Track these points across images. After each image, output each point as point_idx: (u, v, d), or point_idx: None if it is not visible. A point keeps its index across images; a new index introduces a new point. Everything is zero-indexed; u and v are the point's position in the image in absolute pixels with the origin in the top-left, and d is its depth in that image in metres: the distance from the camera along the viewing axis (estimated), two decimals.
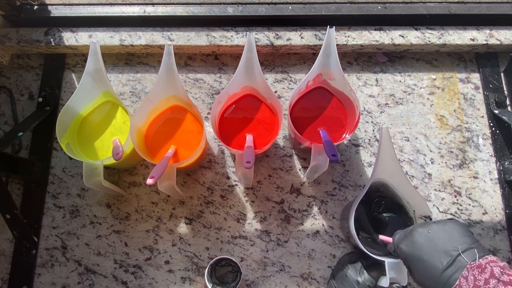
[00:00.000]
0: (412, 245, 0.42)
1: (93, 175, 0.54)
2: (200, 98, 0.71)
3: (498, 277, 0.35)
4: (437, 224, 0.42)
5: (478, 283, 0.36)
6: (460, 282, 0.37)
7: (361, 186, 0.65)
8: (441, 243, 0.40)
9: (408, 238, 0.43)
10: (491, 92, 0.70)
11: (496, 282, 0.35)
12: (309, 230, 0.63)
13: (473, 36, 0.70)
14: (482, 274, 0.36)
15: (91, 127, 0.61)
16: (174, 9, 0.71)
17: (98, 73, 0.57)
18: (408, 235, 0.43)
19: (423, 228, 0.42)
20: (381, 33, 0.70)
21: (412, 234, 0.43)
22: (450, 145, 0.68)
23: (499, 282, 0.35)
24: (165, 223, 0.64)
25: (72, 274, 0.62)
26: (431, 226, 0.42)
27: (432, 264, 0.39)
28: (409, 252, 0.42)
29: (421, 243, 0.41)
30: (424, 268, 0.40)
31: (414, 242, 0.42)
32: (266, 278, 0.61)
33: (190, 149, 0.58)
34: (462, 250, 0.38)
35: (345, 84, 0.57)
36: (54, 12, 0.71)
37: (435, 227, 0.41)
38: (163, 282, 0.61)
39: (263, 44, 0.69)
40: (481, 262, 0.37)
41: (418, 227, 0.43)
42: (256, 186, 0.65)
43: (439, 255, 0.39)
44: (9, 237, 0.63)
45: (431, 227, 0.42)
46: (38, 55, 0.73)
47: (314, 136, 0.60)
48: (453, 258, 0.38)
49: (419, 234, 0.42)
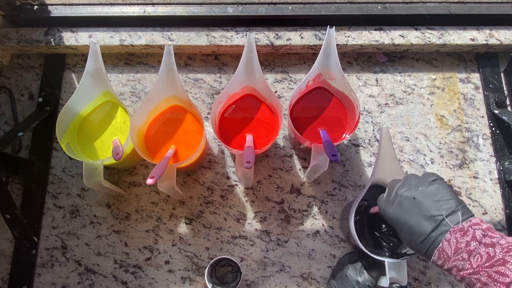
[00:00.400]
0: (398, 210, 0.43)
1: (93, 175, 0.54)
2: (200, 98, 0.71)
3: (480, 239, 0.36)
4: (422, 188, 0.42)
5: (460, 245, 0.37)
6: (442, 245, 0.38)
7: (361, 186, 0.65)
8: (426, 209, 0.40)
9: (394, 203, 0.44)
10: (491, 92, 0.70)
11: (477, 244, 0.36)
12: (309, 230, 0.63)
13: (473, 36, 0.70)
14: (464, 237, 0.37)
15: (91, 127, 0.61)
16: (174, 9, 0.71)
17: (98, 73, 0.57)
18: (393, 198, 0.44)
19: (407, 191, 0.43)
20: (381, 33, 0.70)
21: (397, 199, 0.44)
22: (450, 145, 0.68)
23: (480, 244, 0.36)
24: (165, 223, 0.64)
25: (72, 274, 0.62)
26: (416, 192, 0.42)
27: (418, 229, 0.40)
28: (395, 217, 0.44)
29: (407, 209, 0.42)
30: (410, 232, 0.42)
31: (399, 208, 0.43)
32: (266, 278, 0.61)
33: (190, 149, 0.58)
34: (446, 214, 0.39)
35: (345, 84, 0.57)
36: (54, 12, 0.71)
37: (420, 192, 0.42)
38: (163, 282, 0.61)
39: (263, 44, 0.69)
40: (464, 225, 0.38)
41: (404, 192, 0.43)
42: (256, 186, 0.65)
43: (424, 220, 0.40)
44: (9, 237, 0.63)
45: (415, 193, 0.42)
46: (38, 55, 0.73)
47: (314, 136, 0.60)
48: (437, 222, 0.39)
49: (404, 200, 0.43)
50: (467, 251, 0.36)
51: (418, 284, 0.60)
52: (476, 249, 0.36)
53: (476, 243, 0.36)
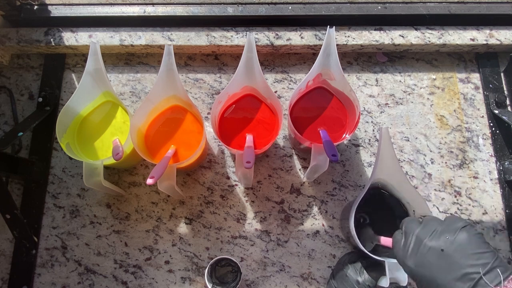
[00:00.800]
0: (422, 264, 0.36)
1: (93, 175, 0.54)
2: (200, 98, 0.71)
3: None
4: (449, 238, 0.35)
5: None
6: None
7: (361, 186, 0.65)
8: (458, 264, 0.34)
9: (417, 254, 0.37)
10: (491, 92, 0.70)
11: None
12: (309, 230, 0.63)
13: (473, 36, 0.70)
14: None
15: (91, 127, 0.61)
16: (174, 9, 0.71)
17: (98, 73, 0.57)
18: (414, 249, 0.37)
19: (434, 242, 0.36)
20: (381, 33, 0.70)
21: (421, 252, 0.37)
22: (450, 145, 0.68)
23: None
24: (165, 223, 0.64)
25: (72, 274, 0.62)
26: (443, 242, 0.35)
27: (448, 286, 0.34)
28: (418, 273, 0.37)
29: (432, 264, 0.35)
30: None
31: (424, 262, 0.36)
32: (266, 278, 0.61)
33: (190, 149, 0.58)
34: (484, 271, 0.33)
35: (345, 84, 0.57)
36: (54, 12, 0.71)
37: (448, 243, 0.35)
38: (163, 282, 0.61)
39: (263, 44, 0.69)
40: (507, 285, 0.32)
41: (428, 242, 0.36)
42: (256, 186, 0.65)
43: (457, 280, 0.33)
44: (9, 237, 0.63)
45: (443, 243, 0.35)
46: (38, 55, 0.73)
47: (314, 136, 0.60)
48: (473, 282, 0.33)
49: (429, 251, 0.36)
50: None
51: None
52: None
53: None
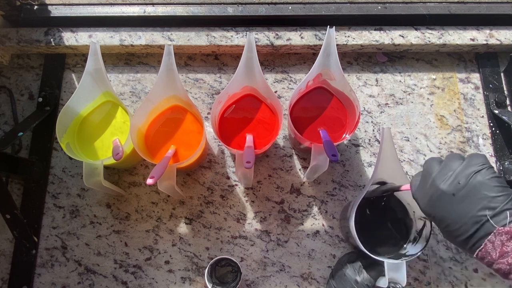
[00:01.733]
0: (435, 207, 0.38)
1: (93, 175, 0.54)
2: (200, 98, 0.71)
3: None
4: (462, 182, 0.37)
5: (506, 248, 0.33)
6: (485, 246, 0.34)
7: (361, 186, 0.65)
8: (468, 207, 0.35)
9: (431, 199, 0.39)
10: (491, 92, 0.70)
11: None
12: (309, 230, 0.63)
13: (473, 36, 0.70)
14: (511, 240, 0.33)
15: (91, 127, 0.61)
16: (174, 9, 0.71)
17: (98, 73, 0.57)
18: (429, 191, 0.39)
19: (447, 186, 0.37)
20: (381, 33, 0.70)
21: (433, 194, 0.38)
22: (450, 145, 0.68)
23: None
24: (165, 223, 0.64)
25: (72, 274, 0.62)
26: (456, 187, 0.37)
27: (457, 227, 0.36)
28: (430, 211, 0.39)
29: (443, 206, 0.37)
30: (447, 230, 0.38)
31: (436, 205, 0.38)
32: (266, 278, 0.61)
33: (190, 149, 0.58)
34: (492, 214, 0.34)
35: (345, 84, 0.57)
36: (54, 12, 0.71)
37: (460, 188, 0.36)
38: (163, 282, 0.61)
39: (263, 44, 0.69)
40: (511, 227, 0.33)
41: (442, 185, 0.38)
42: (256, 186, 0.65)
43: (465, 221, 0.35)
44: (9, 237, 0.63)
45: (455, 188, 0.37)
46: (38, 55, 0.73)
47: (314, 136, 0.60)
48: (480, 224, 0.35)
49: (442, 195, 0.38)
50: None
51: (418, 284, 0.60)
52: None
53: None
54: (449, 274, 0.61)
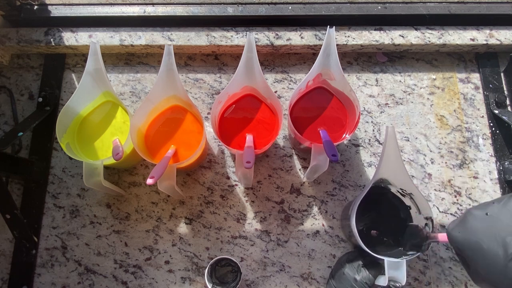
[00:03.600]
0: (467, 230, 0.35)
1: (93, 175, 0.54)
2: (200, 98, 0.71)
3: None
4: (497, 204, 0.35)
5: None
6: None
7: (361, 186, 0.65)
8: (504, 227, 0.33)
9: (462, 223, 0.36)
10: (491, 92, 0.70)
11: None
12: (309, 230, 0.63)
13: (473, 36, 0.70)
14: None
15: (91, 127, 0.61)
16: (174, 9, 0.71)
17: (98, 73, 0.57)
18: (462, 219, 0.37)
19: (479, 210, 0.35)
20: (381, 33, 0.70)
21: (466, 218, 0.36)
22: (450, 145, 0.68)
23: None
24: (165, 223, 0.64)
25: (72, 274, 0.62)
26: (489, 207, 0.35)
27: (494, 252, 0.33)
28: (463, 239, 0.36)
29: (478, 228, 0.34)
30: (483, 258, 0.34)
31: (469, 228, 0.35)
32: (266, 278, 0.61)
33: (190, 149, 0.58)
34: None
35: (345, 84, 0.57)
36: (54, 12, 0.71)
37: (495, 208, 0.35)
38: (163, 282, 0.61)
39: (263, 44, 0.69)
40: None
41: (473, 209, 0.36)
42: (256, 186, 0.65)
43: (502, 242, 0.32)
44: (9, 237, 0.63)
45: (489, 208, 0.35)
46: (38, 55, 0.73)
47: (314, 136, 0.60)
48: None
49: (474, 218, 0.35)
50: None
51: (418, 284, 0.60)
52: None
53: None
54: (449, 274, 0.61)
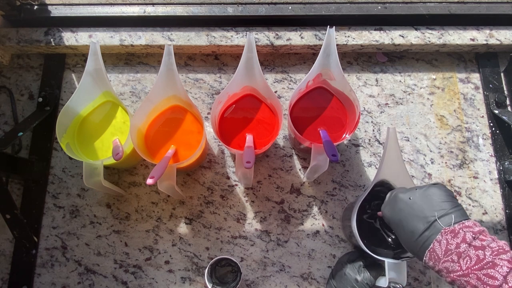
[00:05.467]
0: (393, 210, 0.44)
1: (93, 175, 0.54)
2: (200, 98, 0.71)
3: (470, 241, 0.37)
4: (419, 190, 0.43)
5: (450, 246, 0.37)
6: (433, 245, 0.39)
7: (361, 186, 0.65)
8: (420, 209, 0.41)
9: (391, 204, 0.45)
10: (491, 92, 0.70)
11: (467, 246, 0.37)
12: (309, 230, 0.63)
13: (473, 36, 0.70)
14: (455, 238, 0.37)
15: (91, 127, 0.61)
16: (174, 9, 0.71)
17: (98, 73, 0.57)
18: (391, 200, 0.46)
19: (404, 194, 0.44)
20: (381, 33, 0.70)
21: (394, 200, 0.45)
22: (450, 145, 0.68)
23: (470, 246, 0.37)
24: (165, 223, 0.64)
25: (72, 274, 0.62)
26: (413, 193, 0.43)
27: (410, 229, 0.41)
28: (390, 216, 0.45)
29: (401, 209, 0.43)
30: (403, 232, 0.42)
31: (395, 208, 0.44)
32: (266, 278, 0.61)
33: (190, 149, 0.58)
34: (439, 215, 0.39)
35: (345, 84, 0.57)
36: (54, 12, 0.71)
37: (417, 193, 0.42)
38: (163, 282, 0.61)
39: (263, 44, 0.69)
40: (455, 227, 0.38)
41: (400, 193, 0.44)
42: (256, 186, 0.65)
43: (417, 221, 0.41)
44: (9, 237, 0.63)
45: (412, 194, 0.43)
46: (38, 55, 0.73)
47: (314, 136, 0.60)
48: (429, 223, 0.40)
49: (400, 200, 0.44)
50: (457, 253, 0.37)
51: (418, 284, 0.60)
52: (466, 251, 0.36)
53: (466, 245, 0.37)
54: None
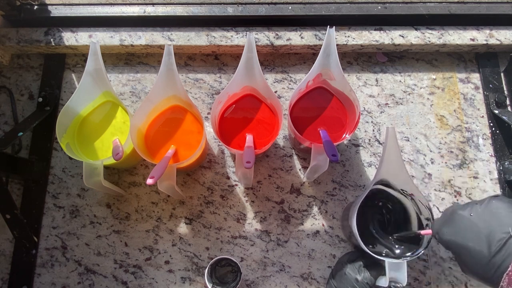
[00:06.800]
0: (453, 231, 0.38)
1: (93, 175, 0.54)
2: (200, 98, 0.71)
3: None
4: (480, 205, 0.37)
5: None
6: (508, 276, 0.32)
7: (361, 186, 0.65)
8: (487, 226, 0.35)
9: (448, 224, 0.39)
10: (491, 92, 0.70)
11: None
12: (309, 230, 0.63)
13: (473, 36, 0.70)
14: None
15: (91, 127, 0.61)
16: (174, 9, 0.71)
17: (98, 73, 0.57)
18: (447, 220, 0.39)
19: (464, 210, 0.38)
20: (381, 33, 0.70)
21: (452, 219, 0.38)
22: (450, 145, 0.68)
23: None
24: (165, 223, 0.64)
25: (72, 274, 0.62)
26: (474, 208, 0.37)
27: (478, 250, 0.35)
28: (450, 239, 0.38)
29: (463, 229, 0.37)
30: (469, 256, 0.36)
31: (455, 228, 0.38)
32: (266, 278, 0.61)
33: (190, 149, 0.58)
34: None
35: (345, 84, 0.57)
36: (54, 12, 0.71)
37: (478, 208, 0.37)
38: (163, 282, 0.61)
39: (263, 44, 0.69)
40: None
41: (459, 210, 0.38)
42: (256, 186, 0.65)
43: (486, 240, 0.34)
44: (9, 237, 0.63)
45: (473, 209, 0.37)
46: (38, 55, 0.73)
47: (314, 136, 0.60)
48: (502, 242, 0.33)
49: (460, 218, 0.37)
50: None
51: (418, 284, 0.60)
52: None
53: None
54: (449, 274, 0.61)
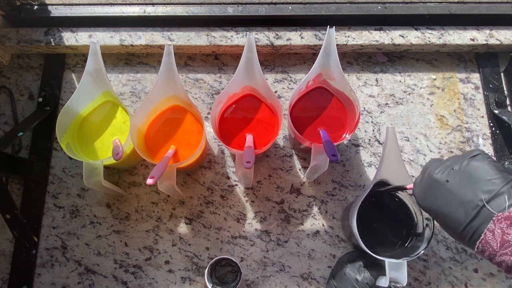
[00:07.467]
0: (430, 199, 0.37)
1: (93, 175, 0.54)
2: (200, 98, 0.71)
3: None
4: (456, 168, 0.35)
5: (507, 237, 0.30)
6: (485, 236, 0.31)
7: (361, 186, 0.65)
8: (462, 193, 0.33)
9: (425, 190, 0.37)
10: (491, 92, 0.70)
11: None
12: (309, 230, 0.63)
13: (473, 36, 0.70)
14: None
15: (91, 127, 0.61)
16: (174, 9, 0.71)
17: (98, 73, 0.57)
18: (424, 182, 0.38)
19: (441, 174, 0.36)
20: (381, 33, 0.70)
21: (429, 186, 0.37)
22: (450, 145, 0.68)
23: None
24: (165, 223, 0.64)
25: (72, 274, 0.62)
26: (450, 173, 0.35)
27: (453, 218, 0.34)
28: (426, 205, 0.37)
29: (440, 197, 0.35)
30: (445, 222, 0.35)
31: (430, 193, 0.36)
32: (266, 278, 0.61)
33: (190, 149, 0.58)
34: (488, 199, 0.31)
35: (345, 84, 0.57)
36: (54, 12, 0.71)
37: (454, 173, 0.35)
38: (163, 282, 0.61)
39: (263, 44, 0.69)
40: (511, 211, 0.30)
41: (435, 174, 0.36)
42: (256, 186, 0.65)
43: (461, 207, 0.33)
44: (9, 237, 0.63)
45: (450, 174, 0.35)
46: (38, 55, 0.73)
47: (314, 136, 0.60)
48: (477, 210, 0.32)
49: (437, 186, 0.36)
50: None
51: (418, 284, 0.60)
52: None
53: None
54: (449, 274, 0.61)
